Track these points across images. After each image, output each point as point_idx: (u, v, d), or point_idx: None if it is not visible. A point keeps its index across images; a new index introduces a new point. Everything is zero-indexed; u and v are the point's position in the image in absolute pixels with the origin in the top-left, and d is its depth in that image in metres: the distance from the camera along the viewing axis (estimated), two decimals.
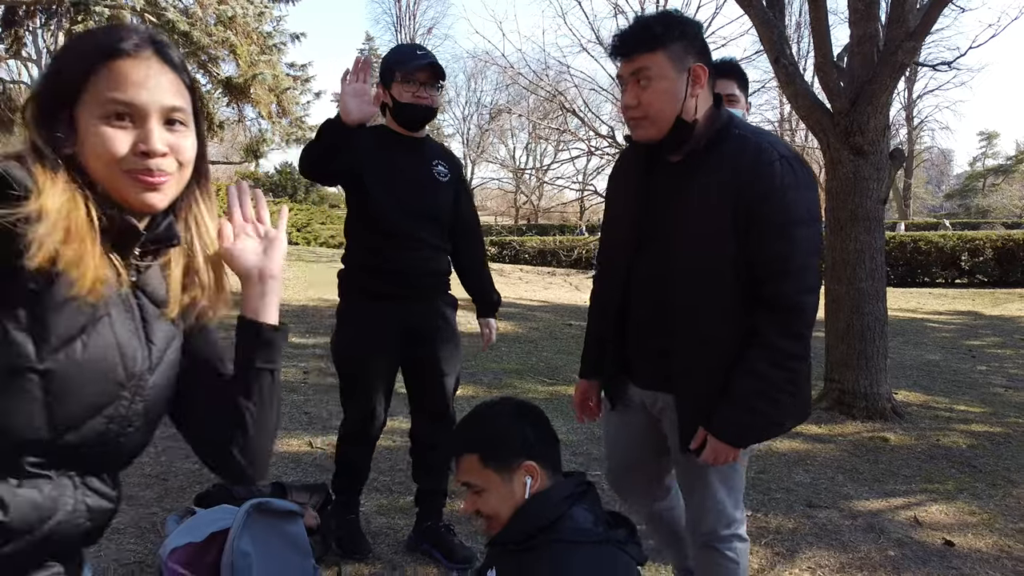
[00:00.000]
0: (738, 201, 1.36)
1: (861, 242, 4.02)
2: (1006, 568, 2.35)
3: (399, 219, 2.03)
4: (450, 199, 2.15)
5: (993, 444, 3.72)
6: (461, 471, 1.27)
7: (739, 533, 1.56)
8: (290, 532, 1.68)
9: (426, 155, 2.12)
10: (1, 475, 0.74)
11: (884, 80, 3.86)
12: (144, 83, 0.79)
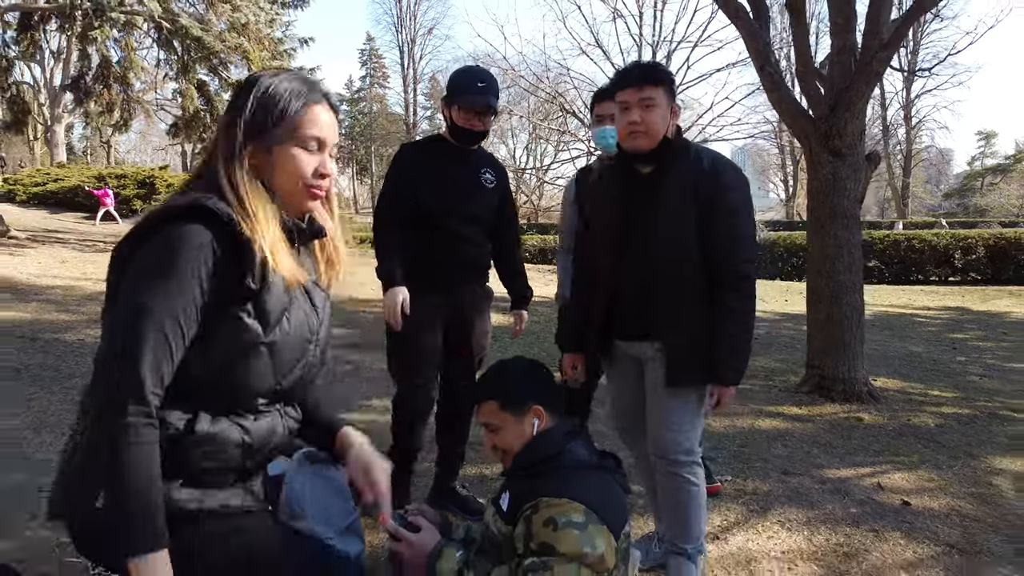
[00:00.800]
0: (699, 200, 1.82)
1: (839, 238, 4.34)
2: (954, 523, 2.67)
3: (448, 219, 2.31)
4: (495, 203, 2.43)
5: (960, 424, 4.04)
6: (482, 414, 1.59)
7: (698, 461, 1.96)
8: (333, 477, 1.98)
9: (475, 164, 2.39)
10: (242, 414, 1.13)
11: (860, 88, 4.17)
12: (330, 124, 1.16)
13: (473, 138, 2.36)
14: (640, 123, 1.83)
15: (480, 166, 2.42)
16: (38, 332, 4.68)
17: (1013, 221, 40.16)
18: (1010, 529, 2.64)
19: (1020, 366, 6.17)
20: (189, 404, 1.07)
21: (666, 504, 2.00)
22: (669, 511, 2.00)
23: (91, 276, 7.06)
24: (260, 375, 1.11)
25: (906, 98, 50.99)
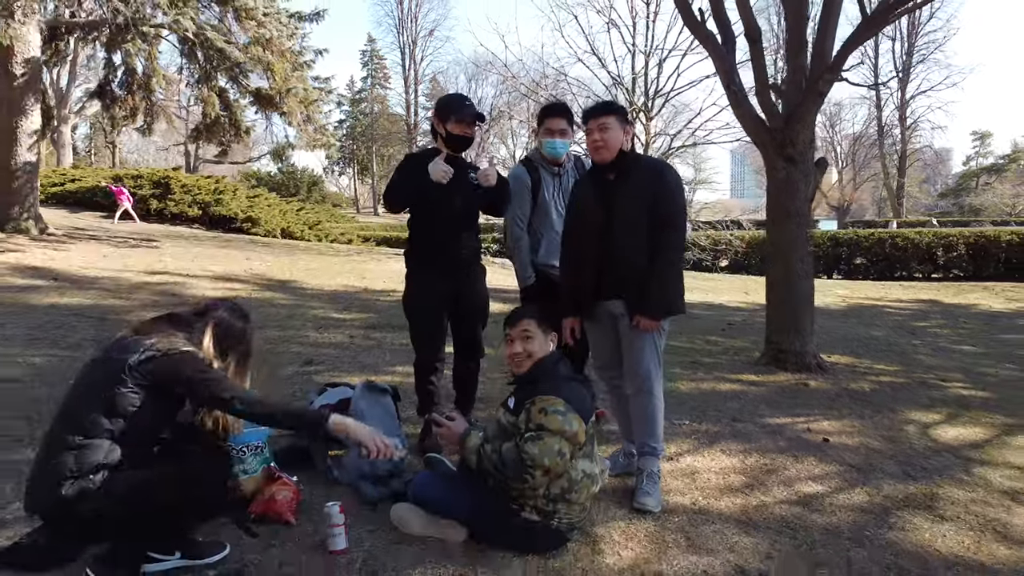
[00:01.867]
0: (651, 194, 2.58)
1: (793, 233, 5.08)
2: (860, 453, 3.40)
3: (448, 215, 3.01)
4: (478, 195, 3.07)
5: (892, 389, 4.78)
6: (522, 326, 2.31)
7: (657, 382, 2.68)
8: (385, 403, 2.73)
9: (463, 167, 3.07)
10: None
11: (809, 104, 4.91)
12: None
13: (466, 143, 3.07)
14: (600, 140, 2.61)
15: (467, 169, 3.09)
16: (103, 314, 5.41)
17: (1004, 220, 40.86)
18: (903, 457, 3.38)
19: (968, 348, 6.91)
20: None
21: (636, 415, 2.73)
22: (639, 420, 2.72)
23: (132, 268, 7.80)
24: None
25: (901, 99, 51.79)
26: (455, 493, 2.25)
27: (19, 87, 9.26)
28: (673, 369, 5.01)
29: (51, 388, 3.40)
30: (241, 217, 18.10)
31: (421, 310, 3.05)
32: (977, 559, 2.40)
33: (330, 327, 5.68)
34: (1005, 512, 2.81)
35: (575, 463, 2.18)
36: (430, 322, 3.05)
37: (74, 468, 1.77)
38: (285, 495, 2.28)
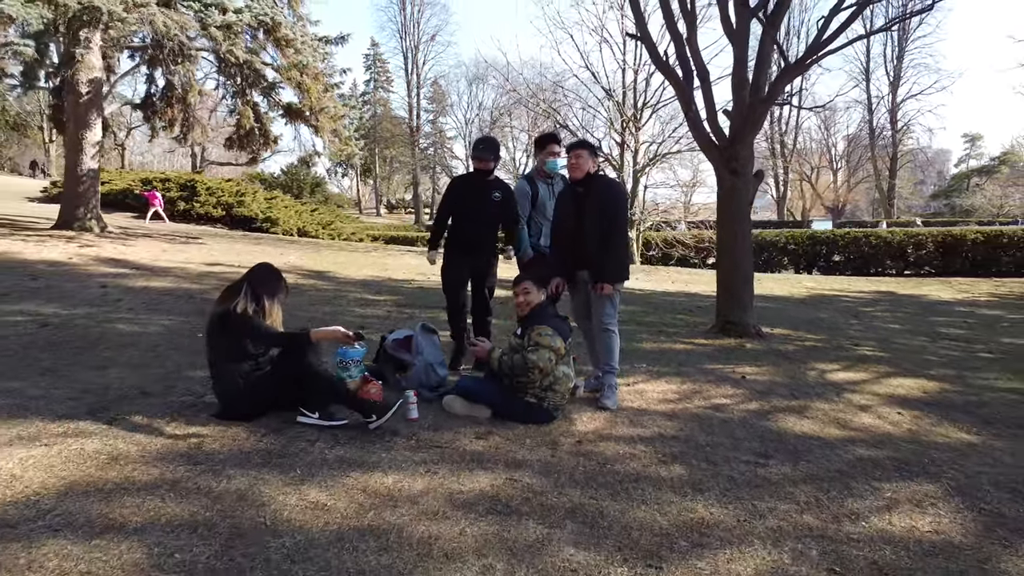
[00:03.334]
0: (604, 201, 3.90)
1: (736, 231, 6.45)
2: (766, 384, 4.76)
3: (474, 219, 4.48)
4: (499, 209, 4.54)
5: (810, 350, 6.14)
6: (524, 284, 3.68)
7: (614, 325, 4.03)
8: (434, 338, 4.11)
9: (488, 187, 4.52)
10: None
11: (748, 129, 6.28)
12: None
13: (486, 173, 4.54)
14: (575, 165, 4.00)
15: (491, 189, 4.55)
16: (189, 294, 6.78)
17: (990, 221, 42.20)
18: (795, 387, 4.75)
19: (895, 326, 8.28)
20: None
21: (600, 347, 4.09)
22: (603, 350, 4.08)
23: (191, 261, 9.17)
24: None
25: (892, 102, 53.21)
26: (483, 387, 3.62)
27: (83, 104, 10.62)
28: (642, 334, 6.39)
29: (187, 338, 4.77)
30: (261, 217, 19.51)
31: (451, 273, 4.59)
32: (816, 435, 3.77)
33: (369, 305, 7.05)
34: (851, 416, 4.18)
35: (558, 367, 3.55)
36: (456, 281, 4.59)
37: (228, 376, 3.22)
38: (375, 389, 3.64)
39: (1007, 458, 3.58)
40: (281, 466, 2.82)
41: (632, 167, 17.32)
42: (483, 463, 3.02)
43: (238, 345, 3.31)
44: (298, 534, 2.27)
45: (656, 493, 2.83)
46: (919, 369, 5.68)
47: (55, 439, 2.91)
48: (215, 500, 2.47)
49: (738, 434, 3.68)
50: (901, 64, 53.70)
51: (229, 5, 9.62)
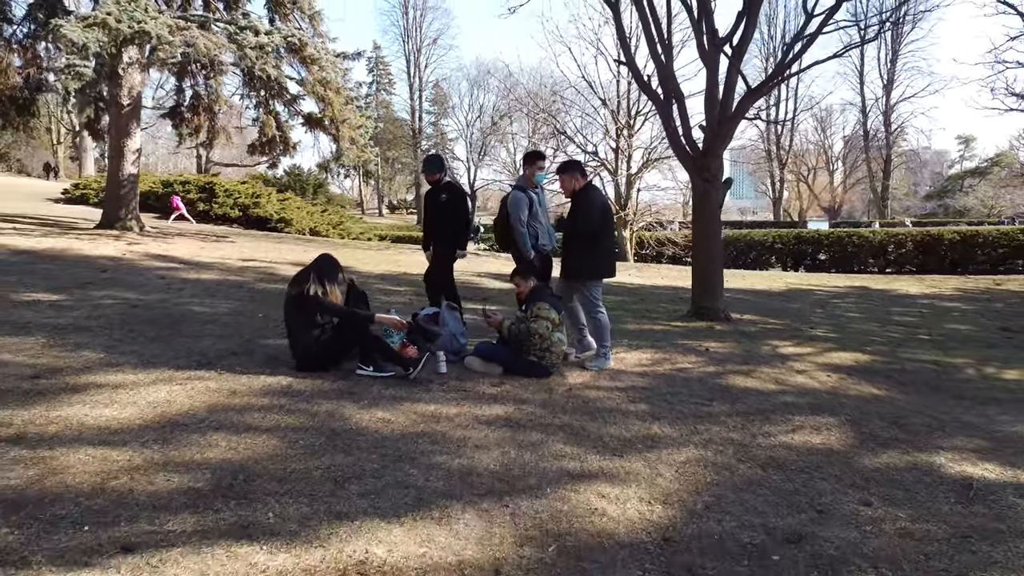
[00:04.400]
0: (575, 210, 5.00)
1: (708, 230, 7.52)
2: (726, 355, 5.83)
3: (432, 218, 5.68)
4: (448, 208, 5.69)
5: (770, 331, 7.22)
6: (515, 280, 4.78)
7: (598, 311, 5.09)
8: (456, 314, 5.18)
9: (438, 192, 5.69)
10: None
11: (717, 143, 7.35)
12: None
13: (436, 183, 5.74)
14: (561, 187, 5.06)
15: (440, 193, 5.73)
16: (239, 284, 7.85)
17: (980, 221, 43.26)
18: (748, 357, 5.82)
19: (855, 315, 9.35)
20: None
21: (591, 329, 5.16)
22: (594, 332, 5.15)
23: (229, 257, 10.24)
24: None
25: (886, 104, 54.32)
26: (496, 349, 4.69)
27: (125, 114, 11.68)
28: (627, 318, 7.46)
29: (250, 318, 5.85)
30: (275, 218, 20.57)
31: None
32: (755, 388, 4.84)
33: (392, 294, 8.12)
34: (788, 376, 5.25)
35: (553, 334, 4.61)
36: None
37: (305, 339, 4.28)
38: (411, 351, 4.71)
39: (901, 404, 4.66)
40: (352, 398, 3.89)
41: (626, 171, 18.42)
42: (497, 400, 4.09)
43: (310, 318, 4.37)
44: (375, 434, 3.34)
45: (624, 419, 3.90)
46: (859, 346, 6.75)
47: (184, 381, 3.98)
48: (313, 416, 3.54)
49: (693, 387, 4.75)
50: (895, 67, 54.72)
51: (261, 28, 10.68)
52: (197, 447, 3.01)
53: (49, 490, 2.48)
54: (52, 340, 4.64)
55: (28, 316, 5.28)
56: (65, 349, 4.46)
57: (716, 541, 2.46)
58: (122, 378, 3.93)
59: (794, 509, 2.79)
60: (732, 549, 2.40)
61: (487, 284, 9.96)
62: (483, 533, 2.40)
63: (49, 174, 40.27)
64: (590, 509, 2.67)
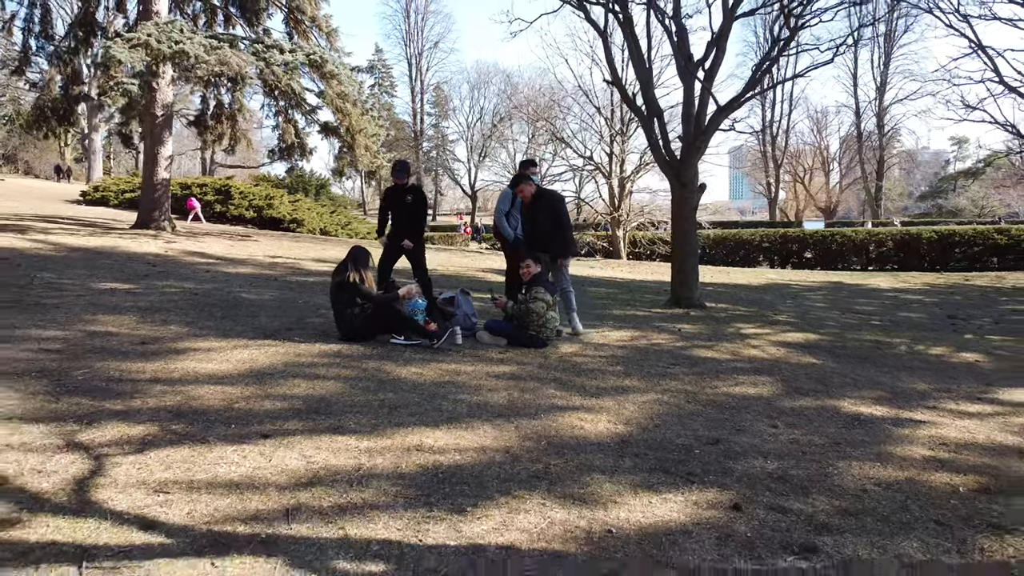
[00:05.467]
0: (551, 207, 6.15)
1: (685, 229, 8.62)
2: (693, 334, 6.92)
3: (396, 217, 6.74)
4: (413, 208, 6.77)
5: (738, 317, 8.31)
6: (527, 262, 5.86)
7: (570, 287, 6.27)
8: (468, 298, 6.27)
9: (404, 193, 6.77)
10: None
11: (691, 153, 8.45)
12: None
13: (402, 186, 6.79)
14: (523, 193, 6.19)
15: (406, 194, 6.78)
16: (274, 276, 8.93)
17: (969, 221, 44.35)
18: (714, 336, 6.91)
19: (820, 305, 10.45)
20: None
21: (564, 301, 6.27)
22: (567, 304, 6.27)
23: (257, 254, 11.32)
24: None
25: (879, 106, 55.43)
26: (502, 325, 5.79)
27: (159, 124, 12.77)
28: (614, 307, 8.55)
29: (292, 303, 6.93)
30: (288, 219, 21.68)
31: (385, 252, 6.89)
32: (713, 357, 5.92)
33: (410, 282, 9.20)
34: (743, 350, 6.34)
35: (548, 313, 5.71)
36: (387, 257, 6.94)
37: (347, 316, 5.36)
38: (433, 326, 5.80)
39: (830, 369, 5.75)
40: (390, 359, 4.99)
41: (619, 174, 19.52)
42: (504, 362, 5.18)
43: (352, 300, 5.45)
44: (412, 382, 4.43)
45: (602, 376, 4.99)
46: (813, 329, 7.85)
47: (257, 346, 5.07)
48: (363, 370, 4.63)
49: (663, 356, 5.84)
50: (887, 70, 55.76)
51: (286, 46, 11.77)
52: (286, 386, 4.10)
53: (196, 407, 3.57)
54: (142, 318, 5.74)
55: (113, 300, 6.38)
56: (155, 324, 5.55)
57: (658, 442, 3.55)
58: (210, 344, 5.02)
59: (719, 428, 3.88)
60: (668, 446, 3.49)
61: (490, 278, 11.05)
62: (496, 435, 3.49)
63: (60, 176, 41.36)
64: (571, 426, 3.75)
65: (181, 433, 3.17)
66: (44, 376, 3.92)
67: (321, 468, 2.88)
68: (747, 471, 3.19)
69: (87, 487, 2.53)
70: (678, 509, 2.73)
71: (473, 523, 2.47)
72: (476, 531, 2.42)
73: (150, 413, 3.43)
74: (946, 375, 5.71)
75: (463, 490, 2.76)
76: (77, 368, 4.14)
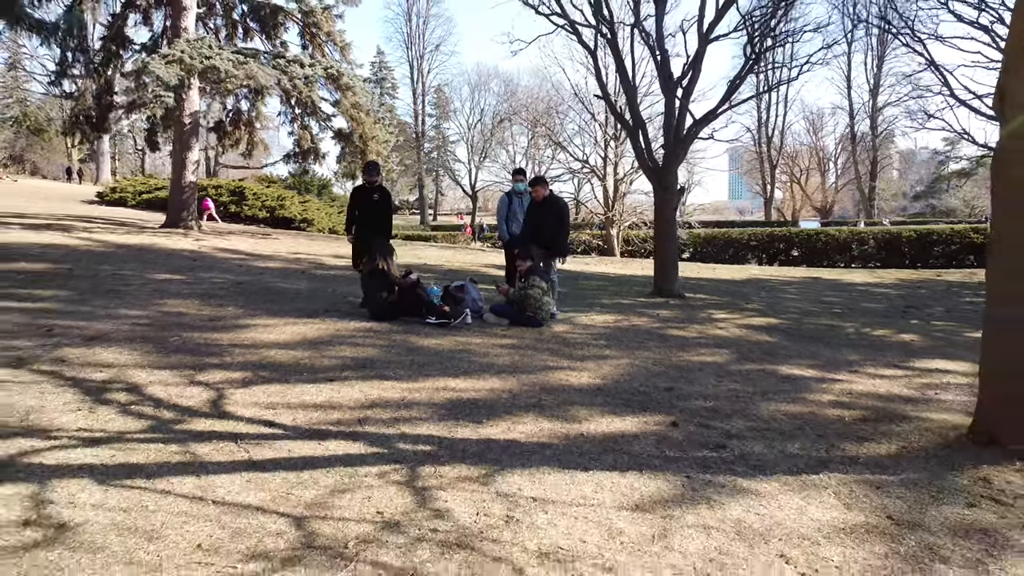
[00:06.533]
0: (559, 212, 7.27)
1: (666, 228, 9.72)
2: (667, 318, 8.02)
3: (365, 216, 7.74)
4: (380, 206, 7.79)
5: (712, 305, 9.40)
6: (520, 256, 6.97)
7: (556, 278, 7.37)
8: (476, 287, 7.37)
9: (371, 192, 7.78)
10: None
11: (672, 160, 9.55)
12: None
13: (371, 190, 7.79)
14: (537, 192, 7.28)
15: (373, 193, 7.80)
16: (302, 269, 10.03)
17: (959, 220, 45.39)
18: (688, 319, 8.01)
19: (791, 296, 11.54)
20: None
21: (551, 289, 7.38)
22: (553, 291, 7.37)
23: (280, 250, 12.41)
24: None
25: (872, 108, 56.50)
26: (505, 308, 6.89)
27: (186, 131, 13.86)
28: (603, 297, 9.65)
29: (323, 292, 8.03)
30: (299, 219, 22.77)
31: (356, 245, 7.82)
32: (682, 335, 7.02)
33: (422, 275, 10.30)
34: (710, 330, 7.43)
35: (543, 298, 6.80)
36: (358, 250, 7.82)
37: (377, 299, 6.46)
38: (448, 308, 6.89)
39: (780, 345, 6.85)
40: (414, 333, 6.08)
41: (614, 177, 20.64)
42: (506, 337, 6.28)
43: (382, 285, 6.54)
44: (433, 349, 5.53)
45: (587, 347, 6.08)
46: (777, 315, 8.95)
47: (304, 323, 6.16)
48: (392, 341, 5.73)
49: (639, 334, 6.94)
50: (881, 72, 56.80)
51: (305, 60, 12.87)
52: (335, 350, 5.20)
53: (273, 362, 4.67)
54: (203, 302, 6.83)
55: (173, 288, 7.48)
56: (215, 307, 6.65)
57: (625, 389, 4.64)
58: (264, 321, 6.12)
59: (674, 381, 4.97)
60: (632, 391, 4.59)
61: (493, 272, 12.15)
62: (502, 383, 4.59)
63: (71, 177, 42.46)
64: (559, 379, 4.85)
65: (269, 377, 4.28)
66: (148, 342, 5.02)
67: (376, 399, 3.98)
68: (688, 406, 4.30)
69: (219, 404, 3.64)
70: (632, 424, 3.83)
71: (487, 428, 3.57)
72: (489, 432, 3.52)
73: (240, 365, 4.53)
74: (878, 350, 6.81)
75: (479, 412, 3.87)
76: (170, 337, 5.24)
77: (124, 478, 2.67)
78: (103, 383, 3.90)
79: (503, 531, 2.44)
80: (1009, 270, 3.53)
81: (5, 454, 2.81)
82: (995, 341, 3.65)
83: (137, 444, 3.02)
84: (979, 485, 3.17)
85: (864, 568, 2.36)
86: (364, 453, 3.11)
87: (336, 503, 2.57)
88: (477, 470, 3.00)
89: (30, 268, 7.93)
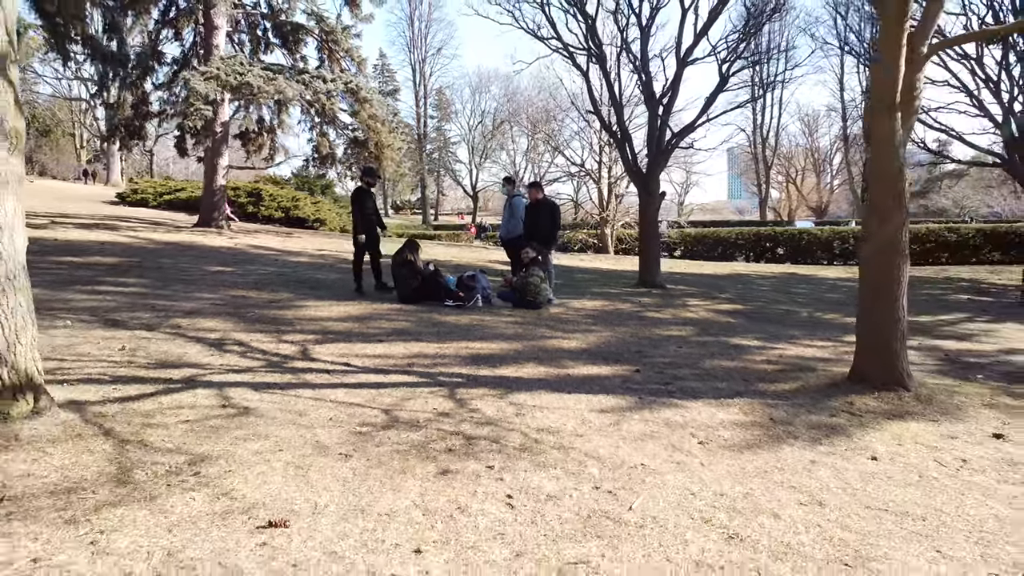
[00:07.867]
0: (551, 213, 8.70)
1: (649, 228, 11.12)
2: (648, 303, 9.42)
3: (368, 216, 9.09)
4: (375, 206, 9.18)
5: (689, 294, 10.80)
6: (526, 250, 8.37)
7: (552, 269, 8.80)
8: (485, 276, 8.76)
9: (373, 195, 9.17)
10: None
11: (655, 167, 10.95)
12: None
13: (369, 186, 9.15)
14: (533, 196, 8.68)
15: (374, 193, 9.19)
16: (328, 263, 11.42)
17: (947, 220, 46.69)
18: (664, 304, 9.41)
19: (765, 288, 12.93)
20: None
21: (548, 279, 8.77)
22: (549, 277, 8.76)
23: (306, 248, 13.79)
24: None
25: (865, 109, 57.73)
26: (510, 294, 8.29)
27: (218, 139, 15.24)
28: (594, 287, 11.03)
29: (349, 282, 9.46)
30: (312, 218, 24.15)
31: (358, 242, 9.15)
32: (656, 317, 8.42)
33: None
34: (681, 312, 8.83)
35: (542, 285, 8.20)
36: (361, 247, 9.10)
37: (406, 285, 7.87)
38: (463, 292, 8.29)
39: (737, 324, 8.24)
40: (437, 312, 7.47)
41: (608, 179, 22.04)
42: (511, 316, 7.67)
43: (411, 273, 7.94)
44: (453, 324, 6.91)
45: (577, 325, 7.47)
46: (744, 303, 10.34)
47: (346, 304, 7.53)
48: (420, 318, 7.12)
49: (621, 315, 8.33)
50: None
51: (327, 75, 14.26)
52: (376, 324, 6.59)
53: (332, 331, 6.06)
54: (258, 289, 8.22)
55: (228, 278, 8.87)
56: (270, 292, 8.04)
57: (604, 351, 6.03)
58: (313, 303, 7.51)
59: (644, 347, 6.36)
60: (609, 352, 5.97)
61: (497, 267, 13.54)
62: (509, 346, 5.98)
63: (86, 179, 43.82)
64: (553, 344, 6.24)
65: (334, 338, 5.68)
66: (231, 316, 6.41)
67: (417, 352, 5.38)
68: (651, 362, 5.69)
69: (307, 353, 5.03)
70: (605, 371, 5.23)
71: (500, 370, 4.97)
72: (501, 372, 4.92)
73: (310, 331, 5.93)
74: (820, 329, 8.21)
75: (493, 361, 5.26)
76: (246, 313, 6.63)
77: (267, 390, 4.06)
78: (217, 340, 5.29)
79: (514, 419, 3.84)
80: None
81: (187, 376, 4.20)
82: (864, 308, 5.05)
83: (265, 373, 4.42)
84: (843, 405, 4.57)
85: (742, 439, 3.76)
86: (417, 381, 4.51)
87: (406, 404, 3.96)
88: (495, 391, 4.40)
89: (105, 261, 9.32)
